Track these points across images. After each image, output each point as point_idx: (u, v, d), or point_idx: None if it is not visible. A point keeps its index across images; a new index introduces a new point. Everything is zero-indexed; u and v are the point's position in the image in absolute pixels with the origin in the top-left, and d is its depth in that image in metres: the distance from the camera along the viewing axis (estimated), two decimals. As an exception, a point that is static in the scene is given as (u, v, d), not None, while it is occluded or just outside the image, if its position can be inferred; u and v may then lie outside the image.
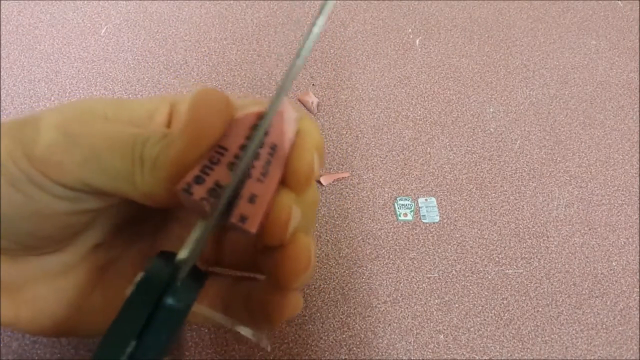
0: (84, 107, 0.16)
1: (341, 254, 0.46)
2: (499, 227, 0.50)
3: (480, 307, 0.45)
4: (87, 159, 0.14)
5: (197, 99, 0.14)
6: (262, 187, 0.14)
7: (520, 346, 0.44)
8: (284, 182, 0.15)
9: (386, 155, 0.53)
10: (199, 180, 0.14)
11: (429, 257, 0.47)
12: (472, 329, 0.44)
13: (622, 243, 0.50)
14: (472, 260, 0.48)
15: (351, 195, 0.50)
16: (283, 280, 0.15)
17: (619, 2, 0.70)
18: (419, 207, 0.50)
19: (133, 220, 0.18)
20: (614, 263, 0.49)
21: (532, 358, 0.44)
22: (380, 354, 0.42)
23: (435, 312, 0.45)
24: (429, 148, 0.54)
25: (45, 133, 0.14)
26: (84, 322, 0.17)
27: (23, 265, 0.16)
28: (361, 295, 0.45)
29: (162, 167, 0.14)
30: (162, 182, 0.14)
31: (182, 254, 0.14)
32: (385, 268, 0.46)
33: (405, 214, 0.49)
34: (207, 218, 0.14)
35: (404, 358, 0.42)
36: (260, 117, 0.15)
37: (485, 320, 0.45)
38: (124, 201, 0.16)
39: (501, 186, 0.52)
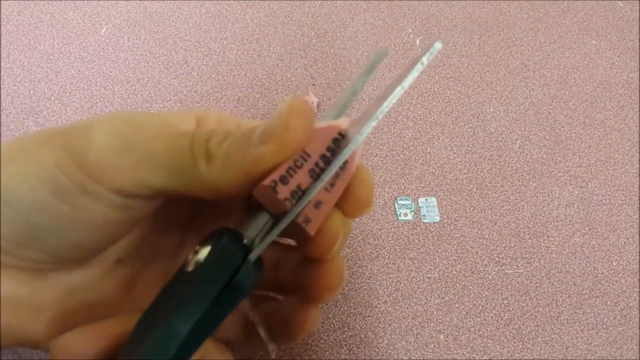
0: (124, 115, 0.16)
1: (341, 254, 0.46)
2: (499, 227, 0.50)
3: (480, 307, 0.45)
4: (144, 159, 0.14)
5: (289, 107, 0.15)
6: (328, 196, 0.16)
7: (520, 346, 0.44)
8: (339, 205, 0.16)
9: (386, 155, 0.53)
10: (283, 180, 0.15)
11: (429, 257, 0.47)
12: (472, 329, 0.44)
13: (623, 243, 0.50)
14: (472, 260, 0.48)
15: (351, 195, 0.50)
16: (317, 294, 0.16)
17: (619, 2, 0.70)
18: (419, 207, 0.50)
19: (152, 236, 0.18)
20: (614, 263, 0.49)
21: (532, 358, 0.44)
22: (380, 353, 0.42)
23: (435, 312, 0.45)
24: (429, 148, 0.54)
25: (98, 138, 0.14)
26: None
27: (51, 282, 0.16)
28: (361, 295, 0.45)
29: (236, 163, 0.14)
30: (234, 177, 0.14)
31: (250, 234, 0.15)
32: (386, 268, 0.46)
33: (406, 214, 0.49)
34: (282, 216, 0.15)
35: (405, 358, 0.42)
36: (340, 132, 0.16)
37: (485, 320, 0.45)
38: (149, 213, 0.16)
39: (501, 186, 0.52)
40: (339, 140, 0.16)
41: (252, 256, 0.14)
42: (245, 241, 0.15)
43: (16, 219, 0.14)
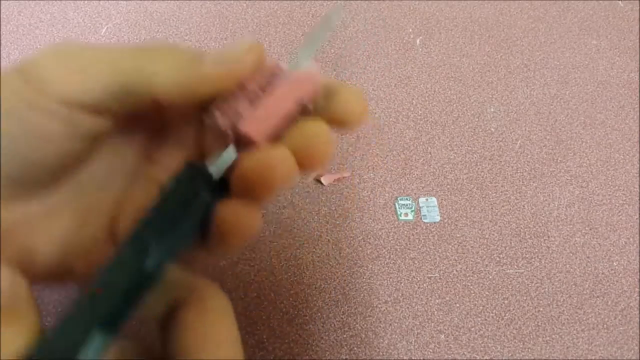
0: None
1: (342, 254, 0.46)
2: (499, 226, 0.50)
3: (481, 307, 0.45)
4: (87, 65, 0.15)
5: (248, 46, 0.17)
6: (270, 102, 0.17)
7: (521, 346, 0.44)
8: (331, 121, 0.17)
9: (387, 155, 0.53)
10: (221, 108, 0.16)
11: (430, 257, 0.47)
12: (473, 329, 0.44)
13: (623, 243, 0.50)
14: (472, 260, 0.48)
15: (352, 195, 0.50)
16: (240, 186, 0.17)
17: (620, 2, 0.70)
18: (420, 207, 0.50)
19: (108, 168, 0.19)
20: (614, 263, 0.49)
21: (533, 358, 0.44)
22: (381, 353, 0.42)
23: (436, 312, 0.45)
24: (429, 148, 0.54)
25: (44, 54, 0.15)
26: (73, 263, 0.18)
27: (12, 209, 0.16)
28: (362, 295, 0.45)
29: (184, 74, 0.16)
30: (180, 86, 0.16)
31: (214, 165, 0.16)
32: (386, 268, 0.46)
33: (406, 214, 0.49)
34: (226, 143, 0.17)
35: (405, 358, 0.42)
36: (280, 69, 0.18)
37: (486, 320, 0.45)
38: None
39: (502, 186, 0.52)
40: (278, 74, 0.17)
41: (216, 175, 0.16)
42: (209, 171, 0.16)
43: None
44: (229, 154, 0.16)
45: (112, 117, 0.16)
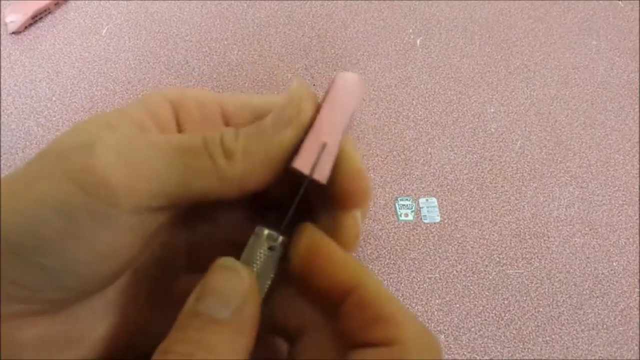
0: (110, 121, 0.15)
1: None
2: (499, 227, 0.50)
3: (481, 308, 0.46)
4: (156, 168, 0.14)
5: (298, 92, 0.15)
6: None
7: (521, 346, 0.44)
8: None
9: (387, 156, 0.53)
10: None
11: (430, 257, 0.47)
12: (473, 329, 0.44)
13: (623, 243, 0.50)
14: (472, 260, 0.48)
15: (352, 195, 0.50)
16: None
17: (620, 2, 0.70)
18: (420, 208, 0.50)
19: (162, 245, 0.18)
20: (614, 263, 0.49)
21: (533, 358, 0.44)
22: (381, 354, 0.42)
23: (436, 312, 0.45)
24: (429, 148, 0.54)
25: (101, 157, 0.13)
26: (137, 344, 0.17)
27: (75, 314, 0.15)
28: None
29: (257, 154, 0.15)
30: (258, 167, 0.15)
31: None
32: (386, 268, 0.46)
33: (406, 214, 0.49)
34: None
35: (405, 358, 0.42)
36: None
37: (486, 320, 0.45)
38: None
39: (502, 186, 0.52)
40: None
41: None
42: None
43: (26, 266, 0.13)
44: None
45: (175, 209, 0.15)
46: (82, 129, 0.15)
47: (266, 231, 0.16)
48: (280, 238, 0.16)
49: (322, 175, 0.15)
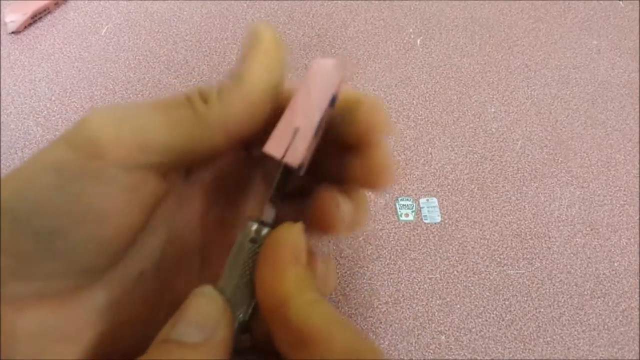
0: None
1: (342, 255, 0.46)
2: (500, 227, 0.50)
3: (481, 308, 0.45)
4: (142, 123, 0.14)
5: (255, 27, 0.15)
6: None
7: (522, 347, 0.44)
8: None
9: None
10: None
11: (431, 258, 0.47)
12: (473, 330, 0.44)
13: (624, 244, 0.50)
14: (473, 260, 0.48)
15: (352, 195, 0.50)
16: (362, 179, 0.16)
17: (620, 2, 0.69)
18: (420, 208, 0.49)
19: (173, 243, 0.18)
20: (615, 264, 0.49)
21: (533, 358, 0.44)
22: (381, 354, 0.42)
23: (436, 313, 0.45)
24: (430, 148, 0.54)
25: (92, 119, 0.14)
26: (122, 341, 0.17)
27: (76, 306, 0.15)
28: (362, 295, 0.45)
29: (232, 94, 0.15)
30: (235, 107, 0.15)
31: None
32: (387, 268, 0.46)
33: (407, 214, 0.49)
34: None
35: (406, 359, 0.42)
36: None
37: (486, 321, 0.45)
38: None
39: (502, 186, 0.52)
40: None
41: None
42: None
43: (23, 232, 0.13)
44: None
45: (171, 175, 0.15)
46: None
47: (254, 226, 0.15)
48: (264, 231, 0.15)
49: (294, 158, 0.14)
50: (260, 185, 0.19)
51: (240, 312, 0.15)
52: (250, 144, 0.16)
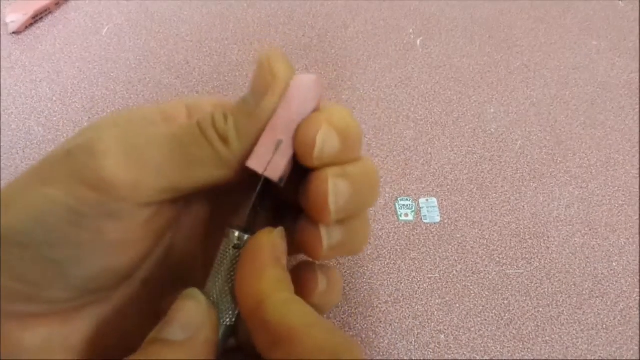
0: (122, 120, 0.15)
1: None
2: (499, 227, 0.50)
3: (481, 307, 0.46)
4: (161, 163, 0.14)
5: (267, 56, 0.15)
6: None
7: (521, 346, 0.44)
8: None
9: (387, 156, 0.53)
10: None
11: (430, 258, 0.47)
12: (473, 329, 0.44)
13: (623, 243, 0.50)
14: (473, 260, 0.48)
15: (352, 195, 0.50)
16: (309, 212, 0.15)
17: (620, 2, 0.70)
18: (420, 208, 0.50)
19: (175, 252, 0.18)
20: (614, 263, 0.49)
21: (532, 358, 0.44)
22: (381, 354, 0.42)
23: (436, 312, 0.45)
24: (429, 148, 0.54)
25: (107, 157, 0.13)
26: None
27: (81, 319, 0.15)
28: (362, 295, 0.45)
29: (248, 129, 0.15)
30: (251, 142, 0.15)
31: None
32: (386, 268, 0.46)
33: (406, 214, 0.49)
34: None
35: (405, 358, 0.42)
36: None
37: (486, 320, 0.45)
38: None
39: (502, 186, 0.53)
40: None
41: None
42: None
43: (34, 259, 0.13)
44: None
45: (182, 200, 0.15)
46: (86, 129, 0.15)
47: (236, 233, 0.15)
48: (246, 237, 0.15)
49: (274, 173, 0.15)
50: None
51: (226, 317, 0.15)
52: None
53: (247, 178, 0.16)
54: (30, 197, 0.13)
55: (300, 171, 0.16)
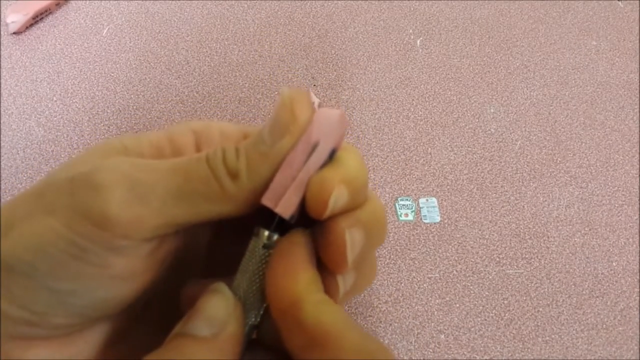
0: (125, 151, 0.15)
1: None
2: (499, 227, 0.50)
3: (481, 307, 0.46)
4: (166, 200, 0.14)
5: (290, 97, 0.15)
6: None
7: (520, 346, 0.44)
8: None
9: (387, 156, 0.53)
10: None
11: (430, 257, 0.47)
12: (472, 329, 0.44)
13: (623, 243, 0.50)
14: (472, 260, 0.48)
15: (352, 195, 0.50)
16: (325, 263, 0.15)
17: (619, 2, 0.70)
18: (420, 208, 0.50)
19: (177, 273, 0.18)
20: (614, 263, 0.49)
21: (532, 358, 0.44)
22: (381, 353, 0.42)
23: (436, 312, 0.45)
24: (429, 148, 0.54)
25: (111, 193, 0.13)
26: None
27: (84, 341, 0.15)
28: (362, 295, 0.45)
29: (260, 169, 0.14)
30: (262, 181, 0.14)
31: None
32: (387, 268, 0.46)
33: (406, 214, 0.49)
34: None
35: (405, 358, 0.42)
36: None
37: (486, 320, 0.45)
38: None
39: (502, 186, 0.53)
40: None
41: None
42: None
43: (36, 289, 0.13)
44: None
45: (184, 231, 0.15)
46: (92, 153, 0.15)
47: (266, 232, 0.15)
48: (275, 236, 0.15)
49: (285, 210, 0.15)
50: None
51: (251, 316, 0.15)
52: None
53: (252, 209, 0.16)
54: (33, 226, 0.13)
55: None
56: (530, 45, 0.64)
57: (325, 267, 0.15)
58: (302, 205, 0.16)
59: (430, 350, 0.43)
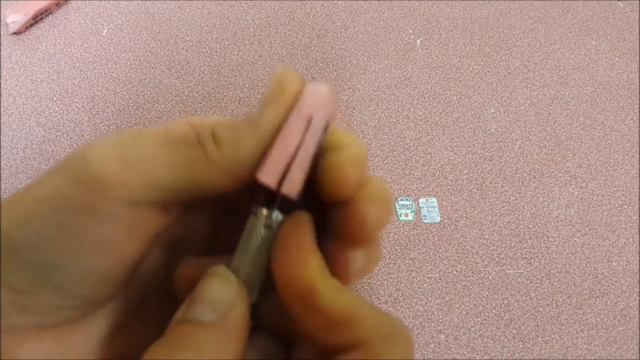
0: (120, 132, 0.15)
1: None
2: (499, 227, 0.50)
3: (480, 307, 0.46)
4: (149, 160, 0.14)
5: (281, 72, 0.15)
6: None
7: (520, 346, 0.44)
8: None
9: (387, 156, 0.53)
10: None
11: (430, 257, 0.47)
12: (472, 329, 0.44)
13: (622, 243, 0.50)
14: (472, 260, 0.48)
15: (352, 195, 0.50)
16: (346, 237, 0.15)
17: (619, 2, 0.70)
18: (420, 208, 0.50)
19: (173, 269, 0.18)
20: (614, 263, 0.49)
21: (532, 358, 0.44)
22: (381, 353, 0.43)
23: (436, 312, 0.45)
24: (429, 149, 0.54)
25: (97, 153, 0.14)
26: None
27: (80, 335, 0.15)
28: (362, 295, 0.45)
29: (248, 140, 0.14)
30: (249, 153, 0.14)
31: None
32: (386, 268, 0.46)
33: (406, 214, 0.49)
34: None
35: (405, 358, 0.43)
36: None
37: (485, 320, 0.45)
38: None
39: (502, 186, 0.53)
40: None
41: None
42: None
43: (20, 264, 0.13)
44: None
45: (175, 209, 0.15)
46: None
47: (265, 211, 0.15)
48: (280, 217, 0.15)
49: (291, 190, 0.14)
50: None
51: (252, 296, 0.15)
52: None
53: (246, 196, 0.15)
54: (19, 201, 0.14)
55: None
56: (530, 45, 0.64)
57: (345, 240, 0.15)
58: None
59: (430, 350, 0.43)
